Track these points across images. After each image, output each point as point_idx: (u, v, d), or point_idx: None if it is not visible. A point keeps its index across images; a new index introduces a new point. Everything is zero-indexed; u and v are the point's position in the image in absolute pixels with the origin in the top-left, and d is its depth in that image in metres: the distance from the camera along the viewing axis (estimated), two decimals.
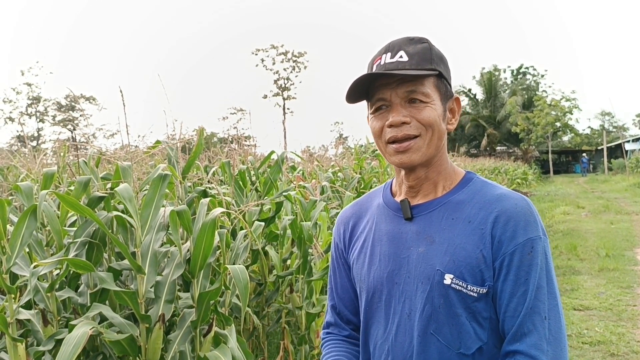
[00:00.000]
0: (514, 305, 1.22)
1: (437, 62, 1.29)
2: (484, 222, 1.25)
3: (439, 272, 1.26)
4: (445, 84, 1.31)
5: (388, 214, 1.40)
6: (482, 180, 1.35)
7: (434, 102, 1.28)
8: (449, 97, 1.33)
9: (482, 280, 1.24)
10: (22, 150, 13.82)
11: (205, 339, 2.81)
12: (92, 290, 2.80)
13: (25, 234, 2.51)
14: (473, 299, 1.24)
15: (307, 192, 4.74)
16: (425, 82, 1.28)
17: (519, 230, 1.23)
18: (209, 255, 2.76)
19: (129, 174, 2.80)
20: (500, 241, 1.23)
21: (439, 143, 1.31)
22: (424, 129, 1.27)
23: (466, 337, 1.25)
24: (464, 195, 1.32)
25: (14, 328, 2.52)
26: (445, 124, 1.32)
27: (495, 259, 1.23)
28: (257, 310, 4.13)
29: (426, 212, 1.33)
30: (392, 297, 1.35)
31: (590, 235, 11.39)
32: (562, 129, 45.03)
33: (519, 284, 1.22)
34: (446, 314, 1.26)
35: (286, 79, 53.24)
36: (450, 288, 1.25)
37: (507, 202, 1.26)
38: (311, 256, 4.00)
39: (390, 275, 1.35)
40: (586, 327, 5.57)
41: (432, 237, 1.30)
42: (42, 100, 47.75)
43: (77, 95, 44.80)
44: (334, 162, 7.42)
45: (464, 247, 1.25)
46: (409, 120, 1.27)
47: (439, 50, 1.33)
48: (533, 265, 1.22)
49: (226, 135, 22.70)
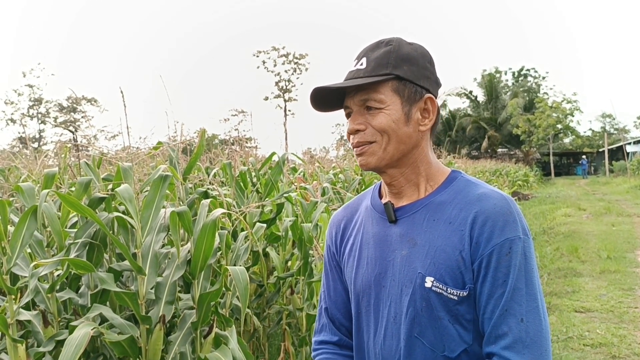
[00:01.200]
0: (491, 307, 1.21)
1: (397, 65, 1.28)
2: (464, 223, 1.24)
3: (420, 275, 1.26)
4: (410, 86, 1.28)
5: (375, 216, 1.40)
6: (467, 179, 1.33)
7: (389, 108, 1.27)
8: (417, 98, 1.29)
9: (463, 283, 1.23)
10: (24, 152, 13.83)
11: (206, 340, 2.81)
12: (92, 291, 2.80)
13: (25, 235, 2.51)
14: (454, 302, 1.23)
15: (308, 194, 4.74)
16: (380, 88, 1.27)
17: (496, 230, 1.21)
18: (209, 256, 2.75)
19: (130, 175, 2.80)
20: (477, 242, 1.22)
21: (402, 146, 1.29)
22: (378, 134, 1.28)
23: (449, 340, 1.25)
24: (446, 195, 1.30)
25: (15, 329, 2.52)
26: (414, 126, 1.30)
27: (474, 261, 1.22)
28: (257, 312, 4.12)
29: (409, 214, 1.32)
30: (379, 301, 1.34)
31: (591, 237, 11.37)
32: (564, 131, 45.01)
33: (496, 286, 1.20)
34: (428, 317, 1.25)
35: (287, 80, 53.28)
36: (432, 291, 1.24)
37: (486, 202, 1.24)
38: (312, 258, 3.99)
39: (377, 279, 1.34)
40: (587, 329, 5.56)
41: (414, 240, 1.29)
42: (43, 101, 47.82)
43: (79, 97, 44.89)
44: (335, 163, 7.42)
45: (444, 249, 1.25)
46: (364, 127, 1.29)
47: (408, 51, 1.30)
48: (511, 266, 1.20)
49: (227, 136, 22.66)
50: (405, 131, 1.29)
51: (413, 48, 1.32)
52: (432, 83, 1.33)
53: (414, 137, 1.30)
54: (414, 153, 1.32)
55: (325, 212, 4.45)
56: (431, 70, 1.33)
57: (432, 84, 1.33)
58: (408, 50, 1.30)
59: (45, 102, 48.03)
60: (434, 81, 1.33)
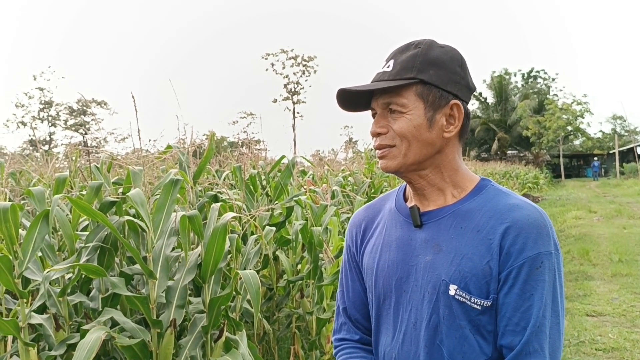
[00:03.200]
0: (517, 319, 1.19)
1: (422, 69, 1.25)
2: (493, 232, 1.22)
3: (444, 282, 1.24)
4: (435, 91, 1.26)
5: (399, 219, 1.38)
6: (496, 188, 1.31)
7: (411, 112, 1.25)
8: (443, 104, 1.26)
9: (487, 293, 1.21)
10: (34, 155, 13.93)
11: (216, 344, 2.81)
12: (103, 295, 2.81)
13: (37, 239, 2.51)
14: (477, 312, 1.21)
15: (317, 197, 4.73)
16: (404, 92, 1.26)
17: (529, 243, 1.18)
18: (220, 260, 2.75)
19: (140, 179, 2.81)
20: (508, 253, 1.19)
21: (423, 151, 1.27)
22: (398, 139, 1.27)
23: (469, 351, 1.23)
24: (475, 203, 1.28)
25: (26, 332, 2.53)
26: (438, 132, 1.27)
27: (502, 271, 1.20)
28: (267, 315, 4.12)
29: (435, 220, 1.30)
30: (399, 305, 1.33)
31: (602, 240, 11.29)
32: (574, 132, 44.78)
33: (523, 299, 1.18)
34: (450, 325, 1.24)
35: (296, 83, 53.36)
36: (455, 299, 1.23)
37: (519, 212, 1.22)
38: (322, 261, 3.99)
39: (399, 283, 1.33)
40: (599, 334, 5.51)
41: (439, 246, 1.27)
42: (54, 104, 48.15)
43: (88, 100, 45.18)
44: (345, 166, 7.41)
45: (471, 257, 1.22)
46: (386, 130, 1.28)
47: (438, 54, 1.27)
48: (540, 281, 1.18)
49: (236, 139, 22.65)
50: (427, 136, 1.26)
51: (443, 51, 1.29)
52: (462, 88, 1.29)
53: (438, 142, 1.28)
54: (437, 158, 1.30)
55: (335, 215, 4.44)
56: (461, 75, 1.29)
57: (462, 89, 1.29)
58: (437, 53, 1.27)
59: (56, 105, 48.36)
60: (464, 86, 1.30)
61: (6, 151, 36.39)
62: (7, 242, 2.47)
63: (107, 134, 45.52)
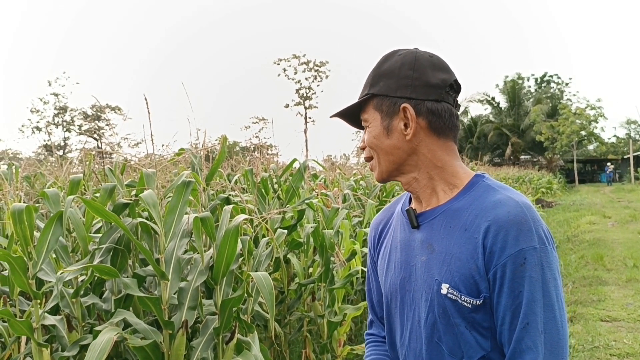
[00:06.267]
0: (509, 318, 1.20)
1: (374, 83, 1.35)
2: (477, 230, 1.23)
3: (437, 282, 1.27)
4: (387, 100, 1.33)
5: (403, 221, 1.42)
6: (487, 184, 1.31)
7: (371, 125, 1.36)
8: (396, 110, 1.32)
9: (478, 292, 1.22)
10: (49, 159, 14.07)
11: (228, 346, 2.82)
12: (116, 296, 2.83)
13: (51, 240, 2.54)
14: (469, 310, 1.23)
15: (329, 200, 4.73)
16: (366, 107, 1.37)
17: (509, 240, 1.18)
18: (232, 262, 2.77)
19: (153, 181, 2.83)
20: (491, 252, 1.20)
21: (391, 157, 1.34)
22: (371, 150, 1.38)
23: (467, 347, 1.25)
24: (464, 201, 1.29)
25: (40, 333, 2.55)
26: (399, 137, 1.32)
27: (489, 270, 1.21)
28: (279, 319, 4.12)
29: (429, 220, 1.33)
30: (404, 304, 1.38)
31: (617, 245, 11.17)
32: (587, 137, 44.42)
33: (513, 297, 1.19)
34: (446, 323, 1.26)
35: (308, 88, 53.47)
36: (447, 298, 1.25)
37: (500, 209, 1.22)
38: (333, 264, 3.99)
39: (403, 283, 1.38)
40: (614, 339, 5.45)
41: (432, 246, 1.31)
42: (68, 110, 48.61)
43: (103, 105, 45.58)
44: (356, 170, 7.40)
45: (459, 256, 1.24)
46: (363, 144, 1.40)
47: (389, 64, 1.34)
48: (526, 277, 1.18)
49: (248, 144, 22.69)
50: (388, 143, 1.34)
51: (397, 59, 1.34)
52: (417, 88, 1.31)
53: (405, 146, 1.32)
54: (413, 160, 1.34)
55: (346, 218, 4.44)
56: (414, 77, 1.32)
57: (417, 89, 1.31)
58: (389, 64, 1.35)
59: (70, 111, 48.82)
60: (419, 85, 1.31)
61: (22, 156, 36.83)
62: (21, 243, 2.50)
63: (121, 139, 45.85)
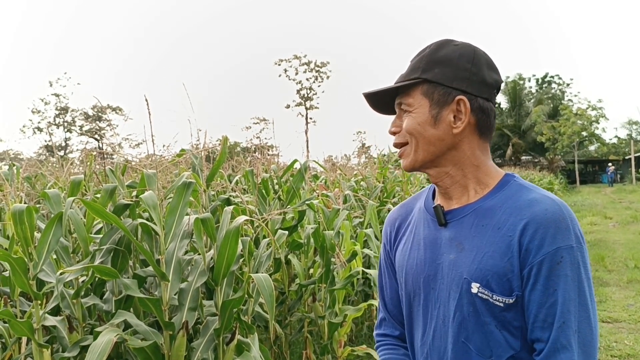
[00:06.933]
0: (543, 316, 1.19)
1: (427, 68, 1.30)
2: (513, 229, 1.22)
3: (466, 281, 1.26)
4: (440, 89, 1.29)
5: (426, 218, 1.41)
6: (519, 183, 1.31)
7: (416, 110, 1.30)
8: (449, 100, 1.28)
9: (510, 290, 1.21)
10: (50, 160, 14.08)
11: (228, 347, 2.81)
12: (116, 297, 2.83)
13: (52, 241, 2.54)
14: (500, 309, 1.22)
15: (329, 201, 4.73)
16: (411, 91, 1.31)
17: (547, 238, 1.18)
18: (232, 263, 2.76)
19: (154, 182, 2.83)
20: (528, 249, 1.19)
21: (431, 148, 1.30)
22: (408, 136, 1.32)
23: (496, 346, 1.24)
24: (496, 200, 1.29)
25: (40, 334, 2.55)
26: (446, 128, 1.29)
27: (523, 268, 1.20)
28: (279, 319, 4.12)
29: (458, 218, 1.32)
30: (428, 302, 1.36)
31: (618, 246, 11.16)
32: (589, 138, 44.40)
33: (547, 295, 1.18)
34: (475, 322, 1.25)
35: (309, 88, 53.48)
36: (477, 297, 1.24)
37: (537, 207, 1.21)
38: (334, 265, 3.98)
39: (427, 281, 1.36)
40: (615, 340, 5.44)
41: (462, 244, 1.29)
42: (69, 110, 48.66)
43: (104, 106, 45.60)
44: (357, 171, 7.40)
45: (492, 255, 1.23)
46: (398, 129, 1.35)
47: (446, 52, 1.30)
48: (562, 275, 1.18)
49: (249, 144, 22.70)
50: (433, 133, 1.29)
51: (454, 49, 1.31)
52: (473, 83, 1.29)
53: (447, 139, 1.30)
54: (452, 155, 1.31)
55: (347, 219, 4.44)
56: (472, 71, 1.30)
57: (473, 84, 1.29)
58: (446, 52, 1.30)
59: (71, 111, 48.87)
60: (476, 81, 1.30)
61: (23, 156, 36.85)
62: (22, 243, 2.50)
63: (122, 139, 45.89)
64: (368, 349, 4.00)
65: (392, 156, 7.93)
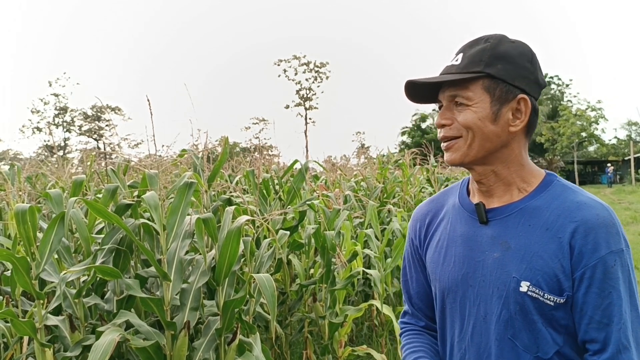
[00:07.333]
0: (599, 317, 1.21)
1: (490, 63, 1.27)
2: (563, 230, 1.24)
3: (514, 279, 1.26)
4: (502, 85, 1.27)
5: (463, 215, 1.40)
6: (562, 184, 1.33)
7: (476, 105, 1.28)
8: (510, 98, 1.28)
9: (560, 290, 1.23)
10: (50, 160, 14.10)
11: (230, 347, 2.82)
12: (118, 297, 2.83)
13: (54, 241, 2.55)
14: (550, 308, 1.24)
15: (330, 201, 4.74)
16: (471, 85, 1.28)
17: (601, 242, 1.20)
18: (234, 263, 2.77)
19: (156, 182, 2.83)
20: (581, 253, 1.21)
21: (487, 144, 1.29)
22: (464, 130, 1.29)
23: (543, 343, 1.26)
24: (542, 200, 1.29)
25: (42, 334, 2.55)
26: (504, 126, 1.29)
27: (575, 270, 1.22)
28: (280, 320, 4.13)
29: (502, 217, 1.32)
30: (466, 299, 1.36)
31: None
32: (588, 139, 44.43)
33: (602, 297, 1.20)
34: (523, 320, 1.27)
35: (308, 89, 53.52)
36: (527, 295, 1.25)
37: (588, 211, 1.24)
38: (334, 265, 3.99)
39: (465, 278, 1.36)
40: None
41: (507, 243, 1.29)
42: (68, 110, 48.67)
43: (103, 106, 45.60)
44: (357, 171, 7.41)
45: (541, 255, 1.25)
46: (450, 122, 1.31)
47: (507, 49, 1.29)
48: (615, 278, 1.20)
49: (249, 145, 22.68)
50: (491, 129, 1.28)
51: (513, 46, 1.30)
52: (531, 83, 1.30)
53: (503, 136, 1.30)
54: (503, 152, 1.31)
55: (347, 219, 4.44)
56: (530, 70, 1.30)
57: (530, 84, 1.30)
58: (506, 48, 1.29)
59: (71, 111, 48.88)
60: (533, 81, 1.31)
61: (22, 156, 36.85)
62: (25, 243, 2.50)
63: (121, 139, 45.88)
64: (368, 349, 4.01)
65: (392, 157, 7.94)
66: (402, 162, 6.90)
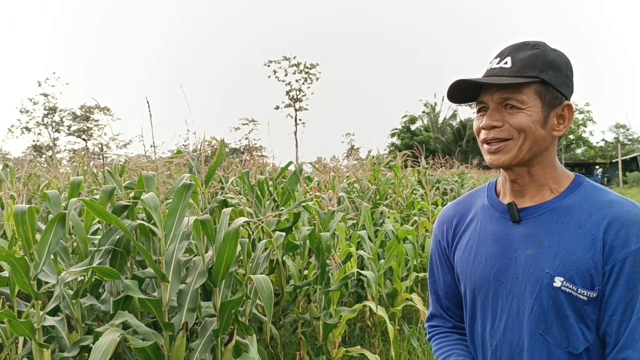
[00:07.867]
0: (622, 309, 1.26)
1: (543, 69, 1.32)
2: (595, 227, 1.29)
3: (548, 275, 1.31)
4: (552, 91, 1.33)
5: (494, 215, 1.45)
6: (592, 184, 1.39)
7: (530, 109, 1.32)
8: (557, 104, 1.34)
9: (592, 285, 1.28)
10: (38, 160, 14.01)
11: (227, 347, 2.84)
12: (115, 298, 2.84)
13: (52, 242, 2.55)
14: (583, 302, 1.29)
15: (324, 203, 4.76)
16: (524, 89, 1.32)
17: (631, 237, 1.26)
18: (231, 264, 2.79)
19: (153, 183, 2.85)
20: (611, 247, 1.27)
21: (535, 148, 1.34)
22: (516, 132, 1.33)
23: (574, 338, 1.31)
24: (574, 200, 1.36)
25: (40, 334, 2.56)
26: (550, 130, 1.35)
27: (605, 264, 1.27)
28: (274, 321, 4.14)
29: (535, 216, 1.37)
30: (498, 296, 1.40)
31: None
32: (576, 141, 44.81)
33: (628, 290, 1.25)
34: (555, 315, 1.31)
35: (298, 90, 53.52)
36: (560, 291, 1.30)
37: (619, 208, 1.30)
38: (329, 267, 4.01)
39: (497, 275, 1.40)
40: None
41: (540, 241, 1.34)
42: (57, 110, 48.34)
43: (92, 106, 45.29)
44: (350, 173, 7.44)
45: (574, 251, 1.29)
46: (501, 124, 1.34)
47: (554, 57, 1.35)
48: None
49: (238, 145, 22.68)
50: (541, 133, 1.34)
51: (557, 55, 1.37)
52: (569, 90, 1.38)
53: (548, 140, 1.36)
54: (543, 155, 1.37)
55: (342, 221, 4.47)
56: (571, 79, 1.38)
57: (570, 92, 1.38)
58: (553, 56, 1.35)
59: (60, 111, 48.55)
60: (571, 89, 1.39)
61: (10, 156, 36.55)
62: (23, 244, 2.50)
63: (109, 139, 45.64)
64: (362, 350, 4.04)
65: (383, 159, 7.97)
66: (394, 164, 6.94)
